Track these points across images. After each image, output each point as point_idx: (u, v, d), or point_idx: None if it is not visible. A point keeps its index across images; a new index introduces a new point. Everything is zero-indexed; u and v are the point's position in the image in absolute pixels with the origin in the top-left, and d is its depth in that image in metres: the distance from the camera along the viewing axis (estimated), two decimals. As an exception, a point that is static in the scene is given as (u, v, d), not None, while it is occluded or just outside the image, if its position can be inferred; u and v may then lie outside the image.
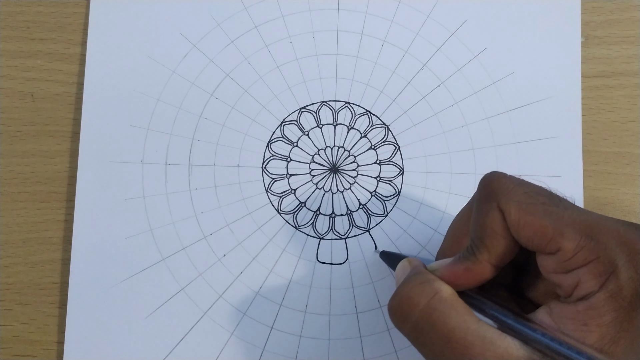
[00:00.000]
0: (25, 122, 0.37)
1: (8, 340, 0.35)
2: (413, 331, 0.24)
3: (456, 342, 0.23)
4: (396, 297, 0.25)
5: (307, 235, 0.36)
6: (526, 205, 0.23)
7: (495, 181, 0.25)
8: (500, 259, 0.25)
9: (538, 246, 0.23)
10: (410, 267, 0.27)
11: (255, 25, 0.38)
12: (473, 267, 0.25)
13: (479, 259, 0.25)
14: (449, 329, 0.23)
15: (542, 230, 0.23)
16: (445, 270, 0.25)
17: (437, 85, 0.37)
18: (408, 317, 0.24)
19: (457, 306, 0.24)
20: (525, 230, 0.23)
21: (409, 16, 0.38)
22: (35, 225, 0.36)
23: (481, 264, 0.25)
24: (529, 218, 0.23)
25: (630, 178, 0.37)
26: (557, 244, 0.23)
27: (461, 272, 0.25)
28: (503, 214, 0.24)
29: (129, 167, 0.36)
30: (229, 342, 0.34)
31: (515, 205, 0.24)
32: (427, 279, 0.25)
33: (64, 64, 0.37)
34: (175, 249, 0.35)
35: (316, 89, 0.37)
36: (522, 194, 0.24)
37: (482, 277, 0.25)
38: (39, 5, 0.38)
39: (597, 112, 0.37)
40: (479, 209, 0.25)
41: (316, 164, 0.37)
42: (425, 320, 0.24)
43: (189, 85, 0.37)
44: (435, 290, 0.24)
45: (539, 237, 0.23)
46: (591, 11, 0.38)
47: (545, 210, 0.23)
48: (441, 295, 0.24)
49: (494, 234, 0.24)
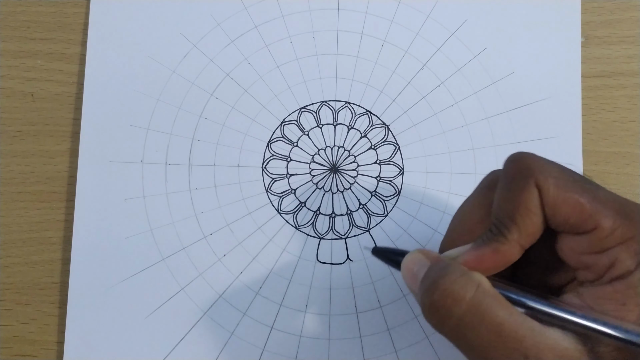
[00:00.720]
0: (25, 122, 0.37)
1: (8, 340, 0.35)
2: (458, 327, 0.22)
3: (508, 337, 0.21)
4: (437, 292, 0.23)
5: (307, 235, 0.36)
6: (564, 182, 0.23)
7: (529, 158, 0.24)
8: (530, 239, 0.24)
9: (574, 224, 0.23)
10: (430, 260, 0.25)
11: (255, 25, 0.38)
12: (502, 248, 0.23)
13: (508, 238, 0.23)
14: (498, 322, 0.21)
15: (580, 208, 0.22)
16: (470, 256, 0.24)
17: (437, 85, 0.37)
18: (453, 312, 0.22)
19: (501, 300, 0.22)
20: (563, 207, 0.23)
21: (409, 16, 0.38)
22: (35, 225, 0.36)
23: (510, 244, 0.23)
24: (568, 195, 0.23)
25: (630, 178, 0.37)
26: (594, 222, 0.22)
27: (489, 255, 0.24)
28: (540, 191, 0.23)
29: (129, 167, 0.36)
30: (229, 342, 0.34)
31: (554, 182, 0.23)
32: (463, 271, 0.23)
33: (64, 64, 0.38)
34: (175, 249, 0.35)
35: (316, 89, 0.37)
36: (558, 172, 0.23)
37: (510, 259, 0.24)
38: (39, 5, 0.38)
39: (597, 112, 0.37)
40: (511, 186, 0.24)
41: (316, 164, 0.37)
42: (473, 314, 0.22)
43: (189, 85, 0.37)
44: (477, 282, 0.22)
45: (576, 215, 0.23)
46: (591, 11, 0.38)
47: (583, 188, 0.23)
48: (484, 287, 0.22)
49: (527, 211, 0.23)
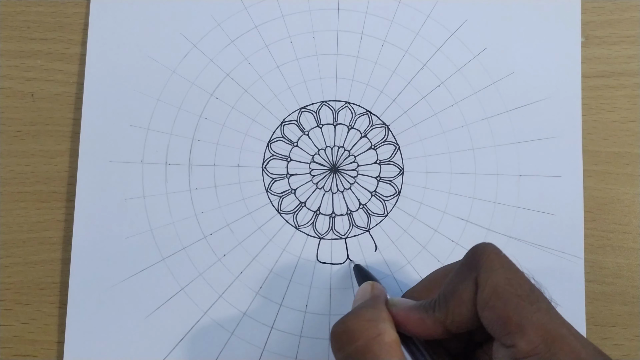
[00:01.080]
0: (25, 122, 0.37)
1: (8, 340, 0.35)
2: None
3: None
4: (340, 325, 0.25)
5: (307, 235, 0.36)
6: (501, 290, 0.23)
7: (484, 255, 0.25)
8: (456, 325, 0.25)
9: (496, 333, 0.23)
10: (371, 294, 0.28)
11: (255, 25, 0.38)
12: (427, 321, 0.25)
13: (436, 316, 0.25)
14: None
15: (505, 320, 0.23)
16: (401, 311, 0.26)
17: (437, 85, 0.37)
18: (343, 347, 0.24)
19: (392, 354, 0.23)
20: (490, 312, 0.23)
21: (409, 16, 0.38)
22: (35, 225, 0.36)
23: (436, 322, 0.25)
24: (498, 303, 0.23)
25: (630, 178, 0.37)
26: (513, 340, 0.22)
27: (415, 320, 0.25)
28: (477, 288, 0.24)
29: (129, 167, 0.36)
30: (229, 342, 0.34)
31: (491, 286, 0.23)
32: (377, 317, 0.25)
33: (64, 64, 0.37)
34: (175, 249, 0.35)
35: (316, 89, 0.37)
36: (503, 279, 0.24)
37: (432, 334, 0.25)
38: (39, 5, 0.38)
39: (597, 112, 0.37)
40: (458, 272, 0.25)
41: (316, 164, 0.37)
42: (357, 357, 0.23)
43: (189, 85, 0.37)
44: (379, 331, 0.24)
45: (499, 325, 0.23)
46: (591, 11, 0.38)
47: (517, 304, 0.23)
48: (383, 338, 0.24)
49: (460, 301, 0.24)
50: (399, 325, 0.25)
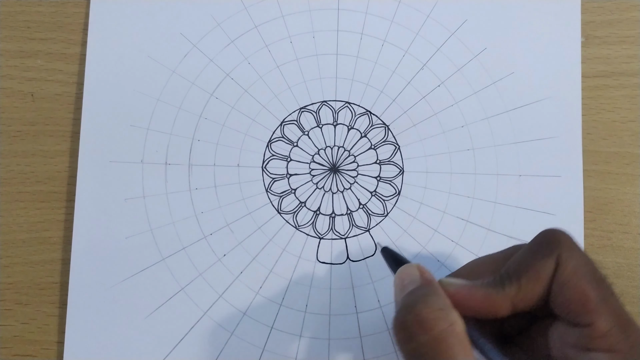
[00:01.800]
0: (25, 122, 0.37)
1: (8, 340, 0.35)
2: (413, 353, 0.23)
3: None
4: (409, 314, 0.23)
5: (307, 235, 0.36)
6: (584, 270, 0.24)
7: (564, 235, 0.25)
8: (523, 303, 0.24)
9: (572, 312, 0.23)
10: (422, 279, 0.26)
11: (255, 25, 0.38)
12: (494, 297, 0.24)
13: (505, 291, 0.24)
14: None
15: (585, 299, 0.23)
16: (464, 289, 0.25)
17: (437, 85, 0.37)
18: (415, 337, 0.23)
19: (465, 345, 0.23)
20: (570, 290, 0.23)
21: (409, 16, 0.38)
22: (35, 225, 0.36)
23: (504, 297, 0.24)
24: (580, 282, 0.23)
25: (630, 178, 0.37)
26: (591, 319, 0.23)
27: (479, 297, 0.24)
28: (557, 266, 0.24)
29: (129, 167, 0.36)
30: (229, 342, 0.34)
31: (574, 265, 0.24)
32: (447, 305, 0.24)
33: (64, 64, 0.37)
34: (175, 249, 0.35)
35: (316, 89, 0.37)
36: (584, 259, 0.24)
37: (496, 310, 0.25)
38: (39, 5, 0.38)
39: (597, 112, 0.37)
40: (534, 251, 0.25)
41: (316, 164, 0.37)
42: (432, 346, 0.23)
43: (189, 85, 0.37)
44: (451, 321, 0.23)
45: (579, 304, 0.23)
46: (591, 11, 0.38)
47: (597, 284, 0.23)
48: (455, 328, 0.23)
49: (536, 277, 0.24)
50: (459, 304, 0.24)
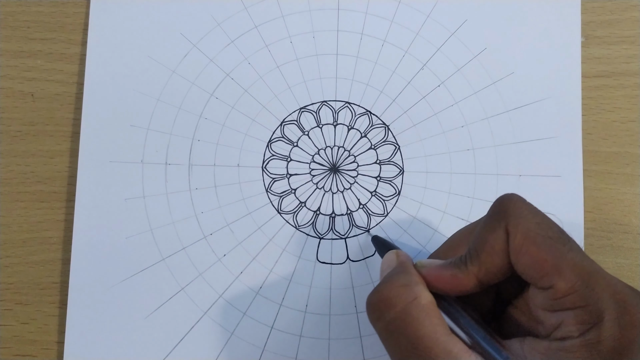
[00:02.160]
0: (25, 122, 0.37)
1: (8, 340, 0.35)
2: (384, 330, 0.24)
3: (422, 351, 0.23)
4: (375, 294, 0.25)
5: (307, 235, 0.36)
6: (533, 235, 0.23)
7: (511, 203, 0.25)
8: (489, 277, 0.25)
9: (532, 278, 0.24)
10: (397, 262, 0.28)
11: (255, 25, 0.38)
12: (459, 276, 0.25)
13: (468, 269, 0.25)
14: (418, 336, 0.23)
15: (540, 263, 0.23)
16: (432, 270, 0.26)
17: (437, 85, 0.37)
18: (382, 316, 0.24)
19: (432, 315, 0.24)
20: (524, 258, 0.23)
21: (409, 16, 0.38)
22: (35, 225, 0.36)
23: (468, 275, 0.25)
24: (532, 248, 0.23)
25: (630, 178, 0.37)
26: (551, 281, 0.23)
27: (447, 277, 0.25)
28: (508, 236, 0.24)
29: (129, 167, 0.36)
30: (229, 342, 0.34)
31: (523, 232, 0.24)
32: (410, 281, 0.25)
33: (64, 64, 0.38)
34: (175, 249, 0.35)
35: (316, 89, 0.37)
36: (533, 223, 0.24)
37: (465, 288, 0.25)
38: (39, 5, 0.38)
39: (597, 112, 0.37)
40: (486, 224, 0.25)
41: (316, 164, 0.37)
42: (397, 323, 0.24)
43: (189, 85, 0.37)
44: (415, 295, 0.24)
45: (535, 269, 0.23)
46: (591, 11, 0.38)
47: (550, 245, 0.23)
48: (419, 301, 0.24)
49: (492, 250, 0.24)
50: (431, 284, 0.25)
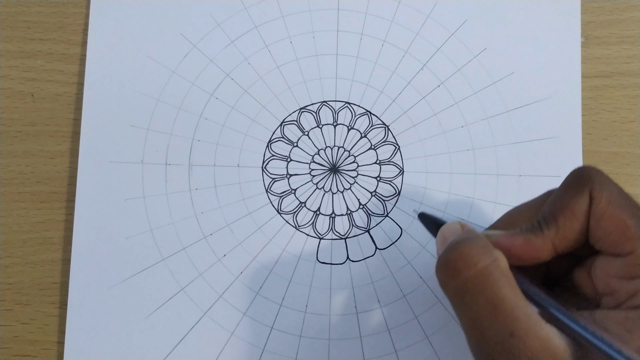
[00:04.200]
0: (25, 122, 0.37)
1: (8, 340, 0.35)
2: (460, 288, 0.23)
3: (503, 312, 0.22)
4: (453, 251, 0.24)
5: (307, 235, 0.36)
6: (618, 200, 0.24)
7: (594, 171, 0.25)
8: (564, 243, 0.24)
9: (612, 243, 0.23)
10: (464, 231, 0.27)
11: (255, 25, 0.38)
12: (534, 241, 0.24)
13: (544, 234, 0.24)
14: (500, 297, 0.22)
15: (623, 228, 0.23)
16: (504, 238, 0.25)
17: (437, 85, 0.37)
18: (460, 273, 0.23)
19: (511, 279, 0.23)
20: (607, 222, 0.23)
21: (409, 16, 0.38)
22: (35, 225, 0.36)
23: (544, 239, 0.24)
24: (616, 212, 0.23)
25: (630, 178, 0.37)
26: (632, 246, 0.23)
27: (520, 243, 0.24)
28: (591, 201, 0.24)
29: (129, 167, 0.36)
30: (229, 342, 0.34)
31: (607, 197, 0.24)
32: (488, 244, 0.24)
33: (64, 64, 0.38)
34: (175, 249, 0.35)
35: (316, 89, 0.37)
36: (617, 190, 0.24)
37: (538, 254, 0.25)
38: (39, 5, 0.38)
39: (597, 112, 0.37)
40: (566, 189, 0.25)
41: (316, 164, 0.37)
42: (478, 281, 0.23)
43: (189, 85, 0.37)
44: (494, 256, 0.23)
45: (617, 234, 0.23)
46: (591, 11, 0.38)
47: (633, 212, 0.23)
48: (499, 263, 0.23)
49: (572, 215, 0.24)
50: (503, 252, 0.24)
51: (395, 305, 0.35)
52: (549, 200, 0.25)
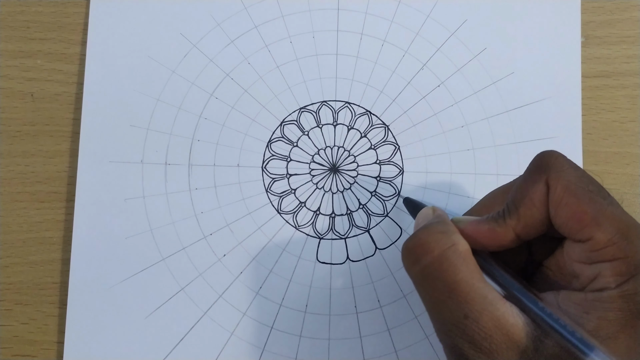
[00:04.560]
0: (25, 122, 0.37)
1: (8, 340, 0.35)
2: (420, 274, 0.24)
3: (458, 295, 0.23)
4: (413, 239, 0.25)
5: (307, 235, 0.36)
6: (574, 187, 0.24)
7: (552, 157, 0.25)
8: (526, 231, 0.25)
9: (571, 230, 0.24)
10: (434, 215, 0.28)
11: (255, 25, 0.38)
12: (497, 230, 0.25)
13: (506, 222, 0.25)
14: (455, 280, 0.23)
15: (580, 215, 0.23)
16: (469, 225, 0.26)
17: (437, 85, 0.37)
18: (420, 260, 0.24)
19: (468, 262, 0.24)
20: (564, 210, 0.24)
21: (409, 16, 0.38)
22: (35, 225, 0.36)
23: (506, 228, 0.25)
24: (572, 200, 0.23)
25: (630, 178, 0.37)
26: (590, 233, 0.23)
27: (484, 231, 0.25)
28: (548, 189, 0.24)
29: (129, 167, 0.36)
30: (229, 342, 0.34)
31: (564, 184, 0.24)
32: (448, 229, 0.25)
33: (64, 64, 0.37)
34: (175, 249, 0.35)
35: (316, 89, 0.37)
36: (574, 177, 0.24)
37: (502, 242, 0.25)
38: (39, 5, 0.38)
39: (597, 112, 0.37)
40: (526, 178, 0.25)
41: (316, 164, 0.37)
42: (434, 267, 0.24)
43: (189, 85, 0.37)
44: (452, 241, 0.24)
45: (575, 221, 0.23)
46: (591, 11, 0.38)
47: (590, 198, 0.23)
48: (457, 247, 0.24)
49: (531, 204, 0.24)
50: (468, 238, 0.25)
51: (395, 305, 0.35)
52: (512, 189, 0.26)
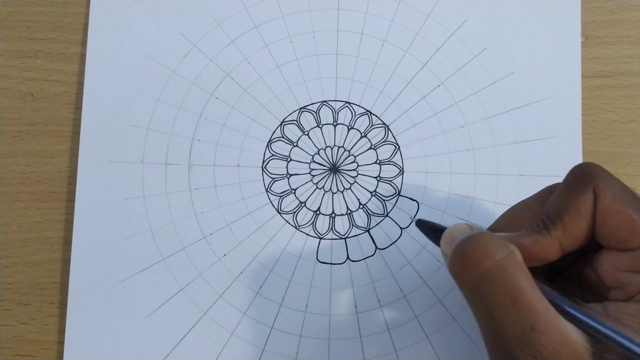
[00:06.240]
0: (25, 122, 0.37)
1: (8, 340, 0.35)
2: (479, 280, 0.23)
3: (522, 304, 0.22)
4: (470, 242, 0.23)
5: (307, 235, 0.36)
6: (622, 195, 0.24)
7: (596, 167, 0.25)
8: (571, 242, 0.24)
9: (620, 239, 0.23)
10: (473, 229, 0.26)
11: (255, 25, 0.38)
12: (542, 242, 0.24)
13: (551, 234, 0.24)
14: (519, 288, 0.22)
15: (630, 223, 0.23)
16: (511, 239, 0.24)
17: (437, 85, 0.37)
18: (479, 264, 0.23)
19: (527, 273, 0.23)
20: (614, 219, 0.23)
21: (409, 16, 0.38)
22: (35, 225, 0.36)
23: (551, 240, 0.24)
24: (622, 208, 0.23)
25: (630, 178, 0.37)
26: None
27: (527, 245, 0.24)
28: (596, 198, 0.24)
29: (129, 167, 0.36)
30: (229, 342, 0.34)
31: (612, 192, 0.24)
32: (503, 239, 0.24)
33: (64, 64, 0.37)
34: (175, 249, 0.35)
35: (316, 89, 0.37)
36: (619, 185, 0.24)
37: (546, 255, 0.24)
38: (39, 5, 0.38)
39: (597, 112, 0.37)
40: (570, 188, 0.24)
41: (316, 164, 0.37)
42: (497, 272, 0.22)
43: (189, 85, 0.37)
44: (511, 249, 0.23)
45: (625, 229, 0.23)
46: (591, 11, 0.38)
47: (638, 207, 0.23)
48: (516, 256, 0.23)
49: (577, 213, 0.24)
50: None
51: (395, 305, 0.35)
52: (552, 199, 0.25)
